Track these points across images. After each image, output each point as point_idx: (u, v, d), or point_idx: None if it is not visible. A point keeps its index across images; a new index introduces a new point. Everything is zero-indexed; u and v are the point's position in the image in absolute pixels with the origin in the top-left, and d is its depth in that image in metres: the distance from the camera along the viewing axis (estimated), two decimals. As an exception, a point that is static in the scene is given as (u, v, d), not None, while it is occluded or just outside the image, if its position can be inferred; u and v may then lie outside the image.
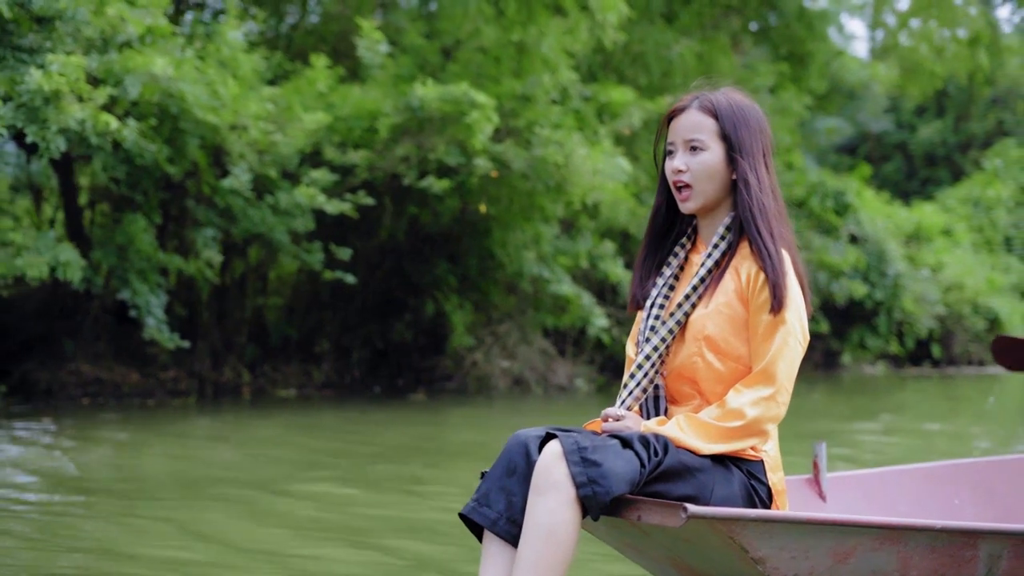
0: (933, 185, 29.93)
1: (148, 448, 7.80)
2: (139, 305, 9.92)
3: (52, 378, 11.18)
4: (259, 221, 10.38)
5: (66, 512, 5.35)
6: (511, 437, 2.83)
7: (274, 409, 10.70)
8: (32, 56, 8.80)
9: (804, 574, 2.80)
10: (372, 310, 13.02)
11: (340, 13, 14.15)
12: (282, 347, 12.79)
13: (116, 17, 9.12)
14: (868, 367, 19.34)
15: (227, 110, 9.95)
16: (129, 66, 8.90)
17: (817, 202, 17.86)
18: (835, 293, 17.51)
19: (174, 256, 10.23)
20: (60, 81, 8.29)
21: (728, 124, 2.94)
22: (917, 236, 21.09)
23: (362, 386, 12.96)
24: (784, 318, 2.85)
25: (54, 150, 8.37)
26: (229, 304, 12.15)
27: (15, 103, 8.42)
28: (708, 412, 2.87)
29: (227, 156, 10.35)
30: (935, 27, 20.93)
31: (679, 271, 3.07)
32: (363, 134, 11.05)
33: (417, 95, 10.71)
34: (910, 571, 2.89)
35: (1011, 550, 2.98)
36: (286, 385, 12.44)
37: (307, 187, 10.36)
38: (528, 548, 2.67)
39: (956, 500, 3.89)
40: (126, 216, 10.04)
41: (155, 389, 11.54)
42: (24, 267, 8.86)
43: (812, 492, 3.65)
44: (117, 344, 11.73)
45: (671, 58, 15.44)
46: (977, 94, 29.04)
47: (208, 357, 11.93)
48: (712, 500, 2.83)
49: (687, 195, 2.97)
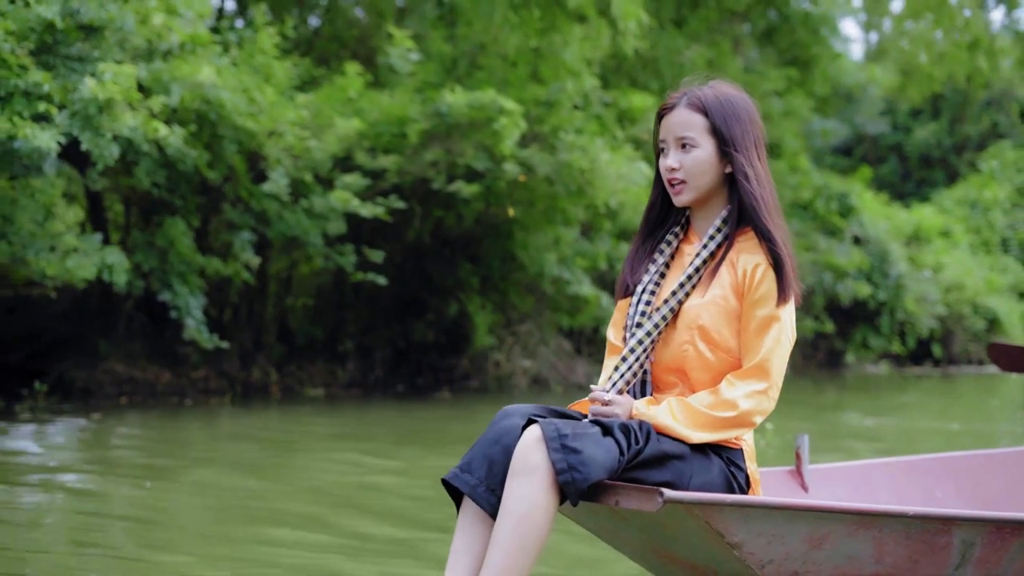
0: (928, 186, 30.32)
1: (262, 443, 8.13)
2: (179, 306, 10.18)
3: (88, 377, 11.44)
4: (294, 224, 10.66)
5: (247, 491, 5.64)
6: (500, 411, 2.89)
7: (318, 406, 11.02)
8: (82, 65, 9.07)
9: (780, 559, 2.83)
10: (394, 311, 13.30)
11: (360, 19, 14.44)
12: (307, 347, 13.06)
13: (163, 26, 9.39)
14: (871, 366, 19.71)
15: (265, 116, 10.22)
16: (176, 74, 9.16)
17: (822, 204, 18.21)
18: (840, 293, 17.86)
19: (213, 258, 10.50)
20: (113, 90, 8.57)
21: (718, 119, 2.96)
22: (917, 237, 21.47)
23: (385, 385, 13.24)
24: (779, 315, 2.90)
25: (108, 157, 8.64)
26: (258, 305, 12.42)
27: (69, 111, 8.69)
28: (700, 399, 2.90)
29: (263, 161, 10.63)
30: (932, 30, 21.27)
31: (670, 260, 3.10)
32: (392, 139, 11.33)
33: (446, 101, 11.00)
34: (885, 557, 2.92)
35: (985, 537, 3.01)
36: (313, 384, 12.71)
37: (341, 191, 10.64)
38: (503, 530, 2.70)
39: (938, 492, 3.94)
40: (166, 220, 10.30)
41: (187, 388, 11.81)
42: (74, 269, 9.12)
43: (794, 483, 3.71)
44: (149, 344, 12.00)
45: (682, 63, 15.77)
46: (972, 96, 29.42)
47: (237, 357, 12.20)
48: (691, 487, 2.86)
49: (680, 189, 3.00)
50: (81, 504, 5.56)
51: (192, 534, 4.94)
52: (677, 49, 15.69)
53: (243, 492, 6.04)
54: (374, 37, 14.37)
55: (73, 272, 9.15)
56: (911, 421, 10.91)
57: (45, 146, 8.28)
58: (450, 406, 11.35)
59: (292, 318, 13.06)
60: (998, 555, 3.03)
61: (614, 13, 11.71)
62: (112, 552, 4.46)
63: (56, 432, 8.58)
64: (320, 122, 10.95)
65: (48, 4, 8.86)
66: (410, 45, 11.49)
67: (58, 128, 8.48)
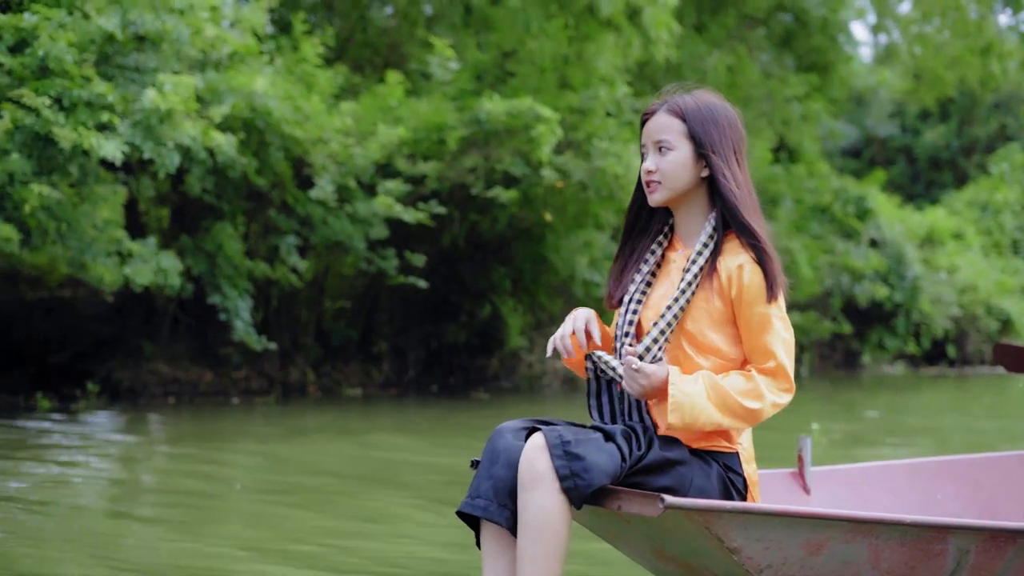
0: (937, 189, 30.60)
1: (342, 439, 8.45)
2: (228, 309, 10.47)
3: (134, 378, 11.73)
4: (338, 229, 10.94)
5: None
6: (493, 431, 2.94)
7: (364, 406, 11.33)
8: (140, 75, 9.36)
9: (778, 564, 2.87)
10: (427, 312, 13.59)
11: (391, 27, 14.72)
12: (342, 348, 13.35)
13: (216, 38, 9.67)
14: (887, 367, 20.00)
15: (311, 124, 10.51)
16: (232, 85, 9.44)
17: (839, 207, 18.49)
18: (858, 295, 18.16)
19: (260, 262, 10.78)
20: (174, 100, 8.85)
21: (695, 124, 2.99)
22: (930, 240, 21.76)
23: (418, 385, 13.53)
24: (774, 310, 2.93)
25: (169, 165, 8.92)
26: (295, 307, 12.70)
27: (131, 121, 8.97)
28: (734, 383, 2.93)
29: (308, 168, 10.91)
30: (940, 31, 21.52)
31: (656, 268, 3.13)
32: (432, 146, 11.62)
33: (485, 109, 11.28)
34: (881, 563, 2.96)
35: (979, 545, 3.04)
36: (349, 384, 13.00)
37: (384, 197, 10.93)
38: (526, 542, 2.77)
39: (939, 495, 3.95)
40: (215, 225, 10.58)
41: (229, 388, 12.09)
42: (132, 275, 9.40)
43: (797, 485, 3.74)
44: (191, 345, 12.28)
45: (704, 69, 16.04)
46: (981, 99, 29.71)
47: (277, 358, 12.49)
48: (691, 492, 2.92)
49: (655, 188, 3.03)
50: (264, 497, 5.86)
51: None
52: (699, 55, 15.96)
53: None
54: (405, 44, 14.65)
55: (131, 277, 9.43)
56: (958, 420, 11.17)
57: (111, 155, 8.57)
58: (490, 405, 11.64)
59: (327, 320, 13.34)
60: (993, 562, 3.08)
61: (646, 22, 11.99)
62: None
63: (135, 430, 8.87)
64: (362, 129, 11.23)
65: (108, 16, 9.15)
66: (450, 54, 11.77)
67: (121, 138, 8.76)
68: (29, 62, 8.89)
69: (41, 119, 8.59)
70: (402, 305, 13.42)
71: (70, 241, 9.14)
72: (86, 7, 9.52)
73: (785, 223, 16.61)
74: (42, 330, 12.64)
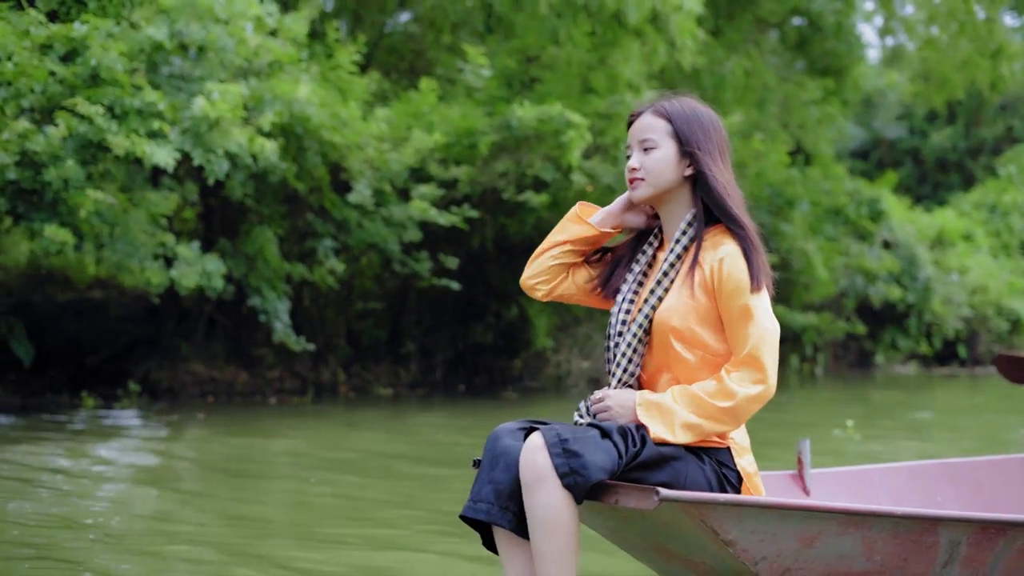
0: (944, 190, 30.87)
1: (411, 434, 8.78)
2: (268, 311, 10.72)
3: (172, 378, 11.99)
4: (374, 232, 11.21)
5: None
6: (491, 434, 3.01)
7: (409, 403, 11.60)
8: (186, 83, 9.62)
9: (773, 556, 2.91)
10: (455, 314, 13.85)
11: (417, 33, 14.99)
12: (371, 348, 13.61)
13: (260, 47, 9.93)
14: (899, 366, 20.28)
15: (349, 130, 10.77)
16: (277, 93, 9.71)
17: (853, 209, 18.75)
18: (872, 296, 18.43)
19: (298, 265, 11.04)
20: (222, 108, 9.11)
21: (680, 123, 3.08)
22: (940, 241, 22.02)
23: (446, 385, 13.80)
24: (756, 302, 2.98)
25: (218, 172, 9.19)
26: (328, 308, 12.96)
27: (180, 128, 9.24)
28: (704, 386, 2.98)
29: (344, 172, 11.17)
30: (942, 33, 21.73)
31: (647, 268, 3.20)
32: (463, 151, 11.88)
33: (515, 115, 11.55)
34: (874, 555, 3.01)
35: (970, 537, 3.09)
36: (379, 384, 13.26)
37: (419, 201, 11.19)
38: (540, 542, 2.84)
39: (939, 497, 3.99)
40: (254, 228, 10.84)
41: (263, 388, 12.35)
42: (179, 278, 9.65)
43: (796, 487, 3.78)
44: (226, 346, 12.54)
45: (723, 74, 16.30)
46: (987, 101, 29.97)
47: (309, 358, 12.75)
48: (686, 486, 2.96)
49: (637, 184, 3.11)
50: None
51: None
52: (717, 60, 16.21)
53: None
54: (430, 50, 14.92)
55: (177, 280, 9.68)
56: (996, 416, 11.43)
57: (163, 162, 8.83)
58: (521, 404, 11.90)
59: (357, 321, 13.60)
60: (984, 554, 3.13)
61: (672, 30, 12.26)
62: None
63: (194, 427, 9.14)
64: (395, 135, 11.50)
65: (157, 26, 9.42)
66: (483, 61, 12.03)
67: (172, 145, 9.02)
68: (81, 71, 9.15)
69: (94, 127, 8.86)
70: (430, 306, 13.67)
71: (121, 245, 9.39)
72: (133, 17, 9.79)
73: (801, 225, 16.86)
74: (75, 331, 12.89)
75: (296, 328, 12.49)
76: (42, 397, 11.15)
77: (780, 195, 16.40)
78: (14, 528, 4.95)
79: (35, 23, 9.30)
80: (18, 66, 8.95)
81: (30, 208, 9.02)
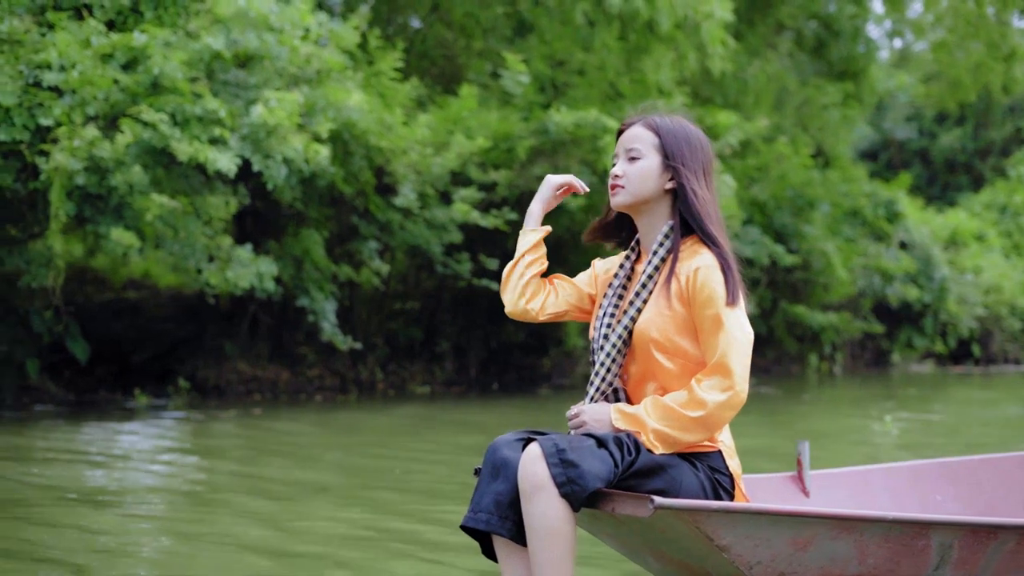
0: (953, 191, 31.22)
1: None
2: (316, 311, 11.05)
3: (218, 376, 12.32)
4: (417, 234, 11.54)
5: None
6: (490, 445, 3.08)
7: (456, 400, 11.92)
8: (243, 91, 9.95)
9: (767, 561, 2.95)
10: (487, 313, 14.18)
11: (447, 39, 15.30)
12: (407, 347, 13.95)
13: (311, 55, 10.25)
14: (915, 365, 20.63)
15: (393, 135, 11.10)
16: (331, 100, 10.03)
17: (871, 211, 19.08)
18: (889, 296, 18.77)
19: (344, 266, 11.37)
20: (280, 115, 9.44)
21: (667, 138, 3.16)
22: (954, 241, 22.37)
23: (479, 384, 14.13)
24: (729, 312, 3.04)
25: (277, 177, 9.51)
26: (367, 308, 13.29)
27: (239, 135, 9.56)
28: (675, 397, 3.05)
29: (388, 176, 11.51)
30: (951, 37, 22.00)
31: (626, 281, 3.26)
32: (501, 155, 12.21)
33: (553, 120, 11.88)
34: (867, 559, 3.04)
35: (961, 540, 3.12)
36: (415, 382, 13.60)
37: (461, 203, 11.53)
38: (537, 550, 2.92)
39: (939, 496, 3.99)
40: (302, 231, 11.17)
41: (305, 386, 12.69)
42: (234, 279, 9.97)
43: (796, 488, 3.80)
44: (269, 345, 12.87)
45: (745, 79, 16.63)
46: (996, 102, 30.28)
47: (348, 357, 13.09)
48: (681, 493, 3.03)
49: (617, 191, 3.18)
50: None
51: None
52: (740, 64, 16.54)
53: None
54: (460, 55, 15.23)
55: (233, 282, 10.00)
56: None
57: (225, 168, 9.17)
58: (555, 401, 12.24)
59: (392, 321, 13.93)
60: (975, 557, 3.17)
61: (703, 38, 12.59)
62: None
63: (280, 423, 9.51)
64: (436, 140, 11.83)
65: (215, 35, 9.74)
66: (522, 68, 12.35)
67: (232, 151, 9.35)
68: (142, 79, 9.48)
69: (158, 133, 9.18)
70: (464, 306, 14.01)
71: (178, 247, 9.72)
72: (188, 26, 10.11)
73: (821, 227, 17.18)
74: (117, 331, 13.22)
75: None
76: (95, 394, 11.48)
77: (801, 197, 16.73)
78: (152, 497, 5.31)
79: (95, 32, 9.63)
80: (83, 75, 9.27)
81: (95, 212, 9.34)
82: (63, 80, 9.23)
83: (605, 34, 12.75)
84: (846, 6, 18.98)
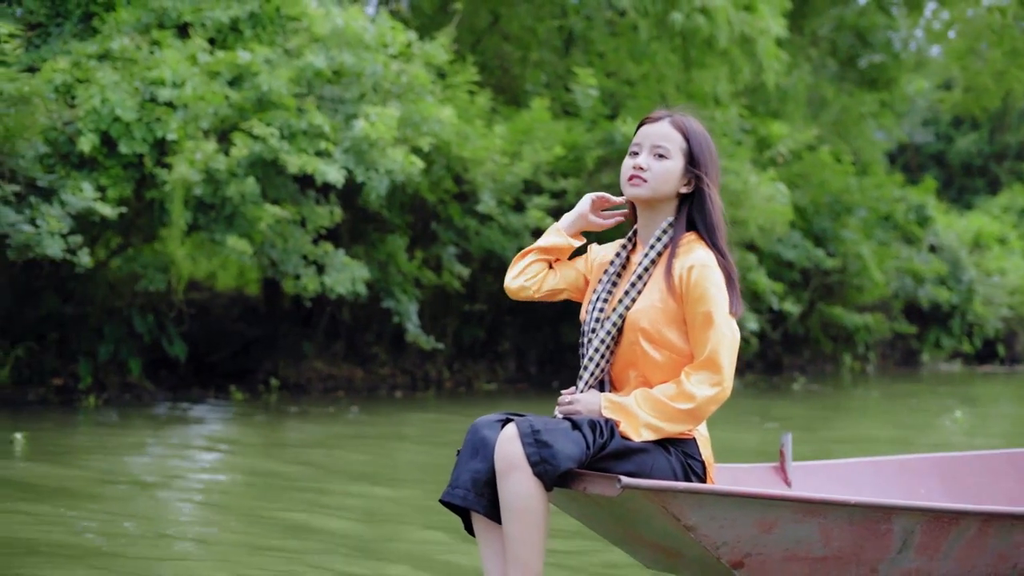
0: (970, 194, 31.84)
1: None
2: (400, 312, 11.65)
3: (299, 375, 12.93)
4: (493, 240, 12.15)
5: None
6: (472, 425, 3.22)
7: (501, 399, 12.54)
8: (342, 106, 10.55)
9: (732, 541, 3.03)
10: (546, 315, 14.80)
11: (504, 52, 15.92)
12: (471, 346, 14.56)
13: (403, 71, 10.85)
14: (944, 364, 21.28)
15: (473, 145, 11.71)
16: (425, 114, 10.64)
17: (902, 215, 19.71)
18: (920, 298, 19.41)
19: (427, 270, 11.99)
20: (381, 129, 10.05)
21: (695, 144, 3.28)
22: (978, 244, 23.00)
23: (539, 382, 14.75)
24: (720, 312, 3.17)
25: (379, 188, 10.12)
26: (436, 309, 13.91)
27: (341, 148, 10.17)
28: (664, 390, 3.19)
29: (466, 184, 12.12)
30: (989, 48, 22.58)
31: (621, 270, 3.38)
32: (570, 164, 12.82)
33: (619, 131, 12.50)
34: (832, 542, 3.12)
35: (923, 525, 3.21)
36: (478, 380, 14.22)
37: (534, 210, 12.14)
38: (510, 525, 3.05)
39: (922, 489, 4.05)
40: (387, 236, 11.78)
41: (378, 384, 13.30)
42: (332, 284, 10.57)
43: (778, 479, 3.87)
44: (343, 344, 13.49)
45: (785, 88, 17.25)
46: (1012, 107, 30.86)
47: (416, 355, 13.70)
48: (652, 476, 3.13)
49: (638, 183, 3.28)
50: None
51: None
52: (782, 75, 17.15)
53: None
54: (515, 66, 15.85)
55: (330, 286, 10.58)
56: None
57: (333, 179, 9.77)
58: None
59: (460, 321, 14.54)
60: (937, 541, 3.24)
61: (759, 53, 13.21)
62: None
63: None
64: (509, 149, 12.44)
65: (316, 53, 10.35)
66: (592, 82, 12.95)
67: (338, 163, 9.96)
68: (249, 95, 10.08)
69: (268, 146, 9.78)
70: (525, 307, 14.62)
71: (282, 254, 10.31)
72: (287, 45, 10.71)
73: (857, 231, 17.79)
74: (193, 331, 13.80)
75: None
76: (189, 392, 12.07)
77: (839, 202, 17.35)
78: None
79: (200, 50, 10.23)
80: (195, 90, 9.87)
81: (209, 221, 9.95)
82: (177, 96, 9.82)
83: (663, 47, 13.35)
84: (877, 17, 19.60)
